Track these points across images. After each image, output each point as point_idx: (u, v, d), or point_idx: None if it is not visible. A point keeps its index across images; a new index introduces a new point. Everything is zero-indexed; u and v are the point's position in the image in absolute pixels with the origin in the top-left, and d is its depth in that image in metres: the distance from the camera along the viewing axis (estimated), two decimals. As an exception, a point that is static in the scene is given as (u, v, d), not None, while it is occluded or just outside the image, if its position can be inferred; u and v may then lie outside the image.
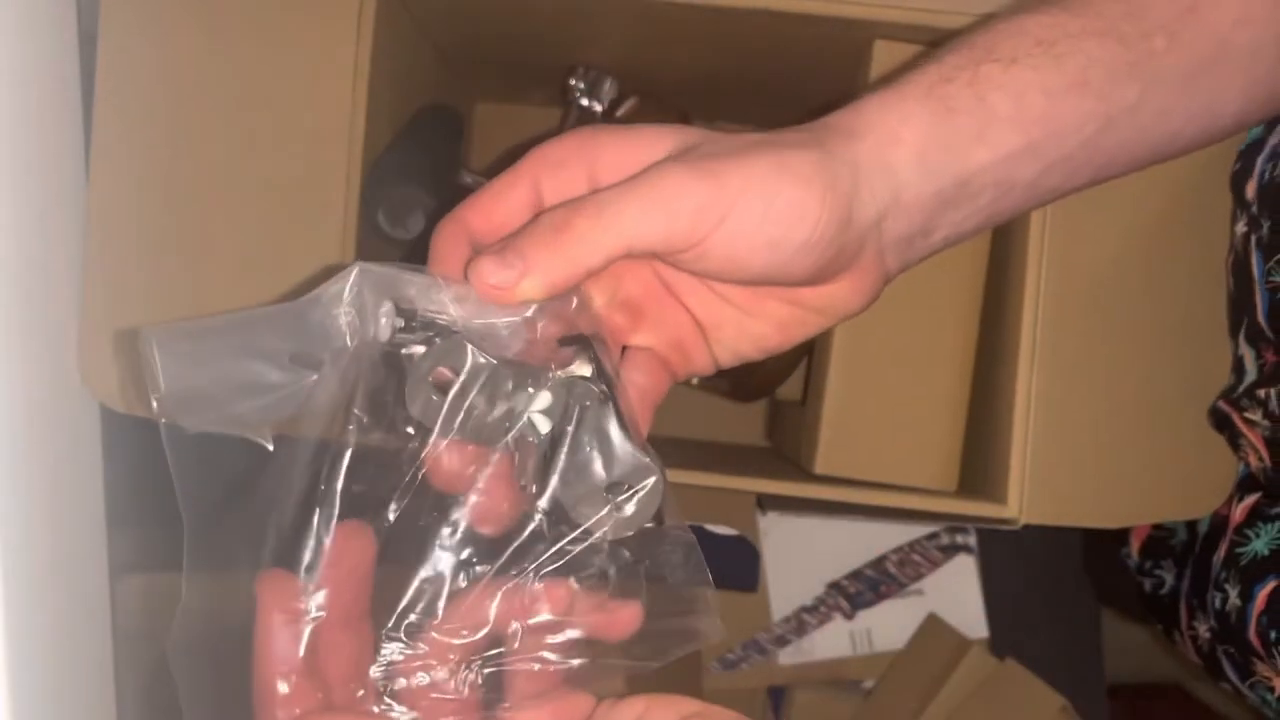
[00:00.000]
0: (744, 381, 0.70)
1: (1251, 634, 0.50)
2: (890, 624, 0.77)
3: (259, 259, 0.51)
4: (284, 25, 0.51)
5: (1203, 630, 0.54)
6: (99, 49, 0.51)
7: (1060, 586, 0.77)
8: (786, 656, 0.75)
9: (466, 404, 0.32)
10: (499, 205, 0.35)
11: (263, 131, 0.51)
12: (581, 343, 0.34)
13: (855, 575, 0.77)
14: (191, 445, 0.32)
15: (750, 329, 0.38)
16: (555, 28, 0.59)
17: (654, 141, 0.35)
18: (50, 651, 0.47)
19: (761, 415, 0.77)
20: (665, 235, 0.33)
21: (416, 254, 0.60)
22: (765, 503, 0.76)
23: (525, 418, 0.33)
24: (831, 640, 0.77)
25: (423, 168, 0.54)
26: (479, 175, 0.61)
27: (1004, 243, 0.53)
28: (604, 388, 0.33)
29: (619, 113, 0.63)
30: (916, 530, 0.77)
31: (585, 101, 0.61)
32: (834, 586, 0.77)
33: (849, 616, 0.77)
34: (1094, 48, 0.38)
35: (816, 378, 0.55)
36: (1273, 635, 0.48)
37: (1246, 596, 0.50)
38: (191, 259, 0.51)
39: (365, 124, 0.51)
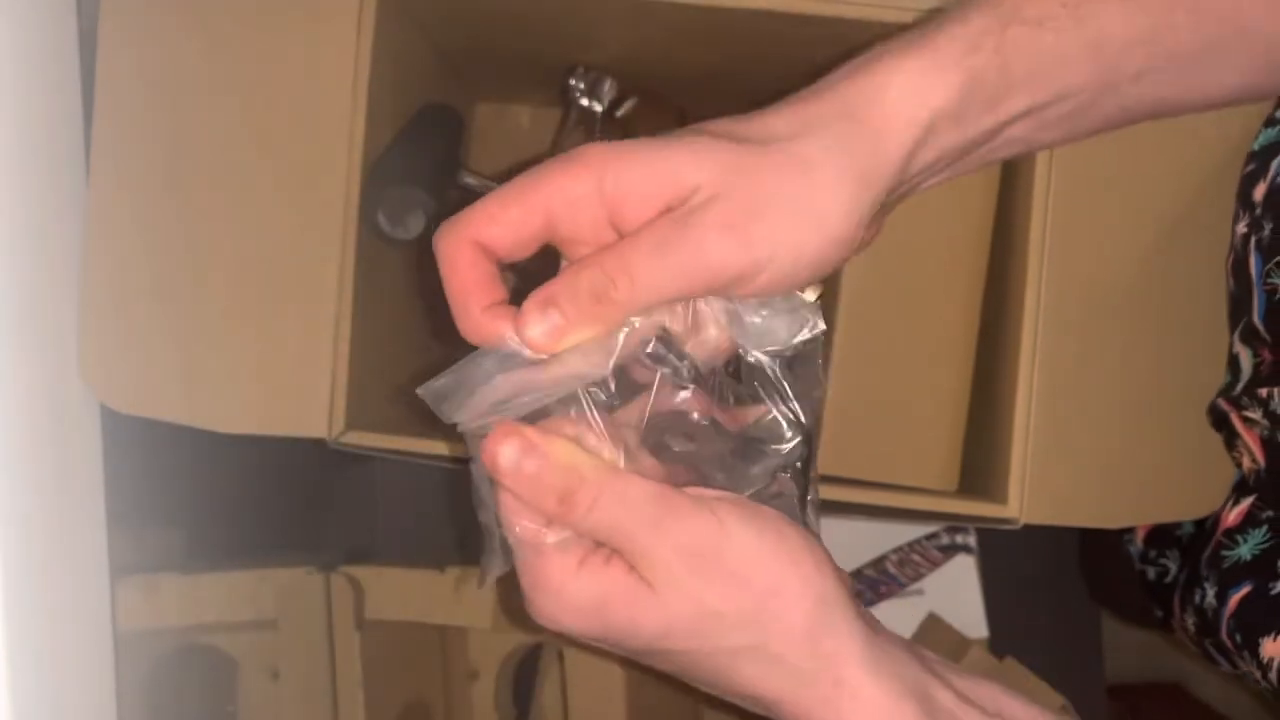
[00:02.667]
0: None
1: (1224, 635, 0.50)
2: (890, 624, 0.76)
3: (259, 259, 0.51)
4: (284, 25, 0.51)
5: (1190, 623, 0.54)
6: (98, 49, 0.51)
7: (1060, 586, 0.77)
8: (786, 656, 0.75)
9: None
10: (509, 233, 0.34)
11: (263, 131, 0.51)
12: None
13: (855, 575, 0.77)
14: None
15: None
16: (555, 28, 0.59)
17: (674, 177, 0.34)
18: (50, 651, 0.47)
19: (761, 415, 0.77)
20: (706, 291, 0.34)
21: (418, 254, 0.60)
22: (765, 503, 0.75)
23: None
24: (831, 640, 0.76)
25: (423, 168, 0.54)
26: (479, 175, 0.61)
27: (1004, 243, 0.53)
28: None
29: (619, 113, 0.63)
30: (916, 530, 0.77)
31: (585, 101, 0.61)
32: (834, 586, 0.77)
33: (849, 616, 0.77)
34: (1115, 12, 0.38)
35: (817, 378, 0.55)
36: (1238, 639, 0.49)
37: (1221, 599, 0.50)
38: (191, 259, 0.51)
39: (365, 124, 0.51)
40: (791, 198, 0.34)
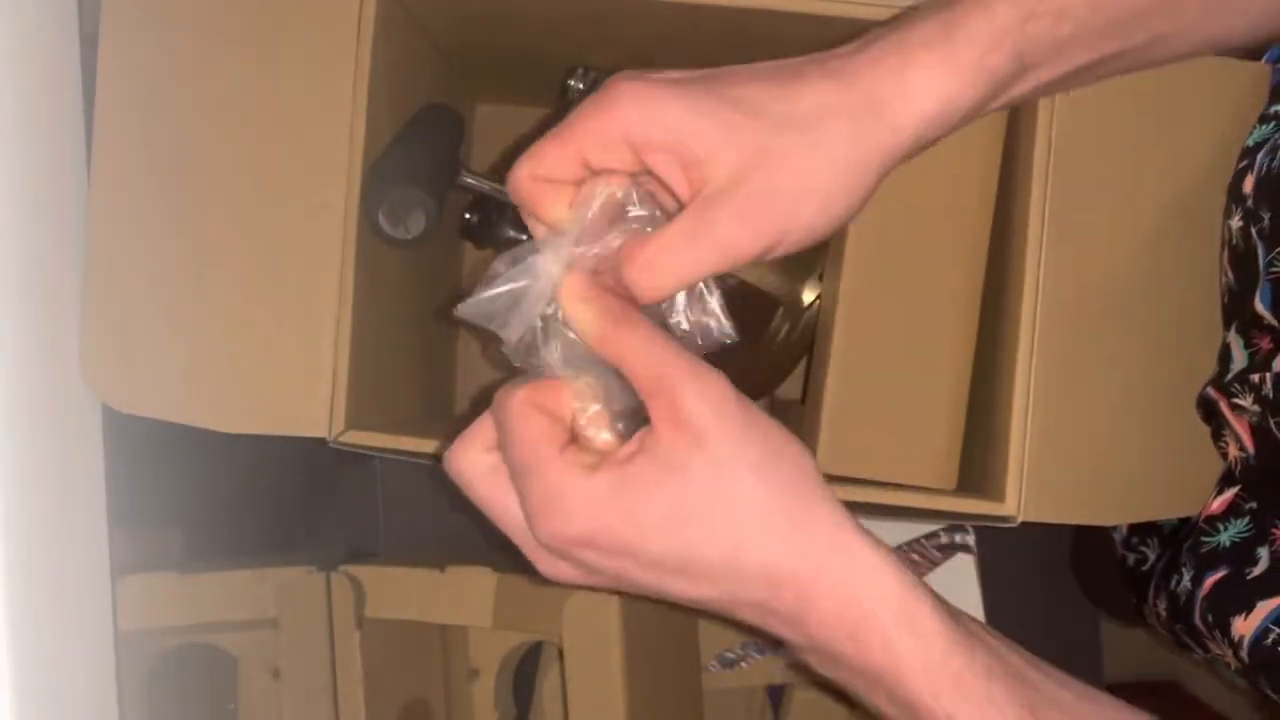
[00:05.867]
0: (744, 381, 0.70)
1: (1197, 618, 0.50)
2: (889, 623, 0.76)
3: (259, 259, 0.51)
4: (284, 26, 0.51)
5: (1162, 608, 0.55)
6: (100, 50, 0.51)
7: (1059, 586, 0.77)
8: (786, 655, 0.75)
9: None
10: (555, 170, 0.38)
11: (263, 132, 0.51)
12: None
13: (854, 574, 0.77)
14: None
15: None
16: (555, 28, 0.59)
17: (696, 146, 0.37)
18: (51, 651, 0.47)
19: (760, 415, 0.77)
20: (734, 267, 0.38)
21: (417, 252, 0.60)
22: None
23: None
24: (830, 639, 0.76)
25: (423, 168, 0.54)
26: (479, 175, 0.61)
27: (1003, 242, 0.53)
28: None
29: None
30: (916, 530, 0.77)
31: (585, 102, 0.61)
32: (833, 585, 0.77)
33: (848, 615, 0.77)
34: None
35: (816, 377, 0.55)
36: (1210, 618, 0.49)
37: (1197, 582, 0.51)
38: (192, 259, 0.51)
39: (365, 124, 0.51)
40: (804, 186, 0.37)
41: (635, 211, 0.38)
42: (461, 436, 0.39)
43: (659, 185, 0.39)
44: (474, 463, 0.39)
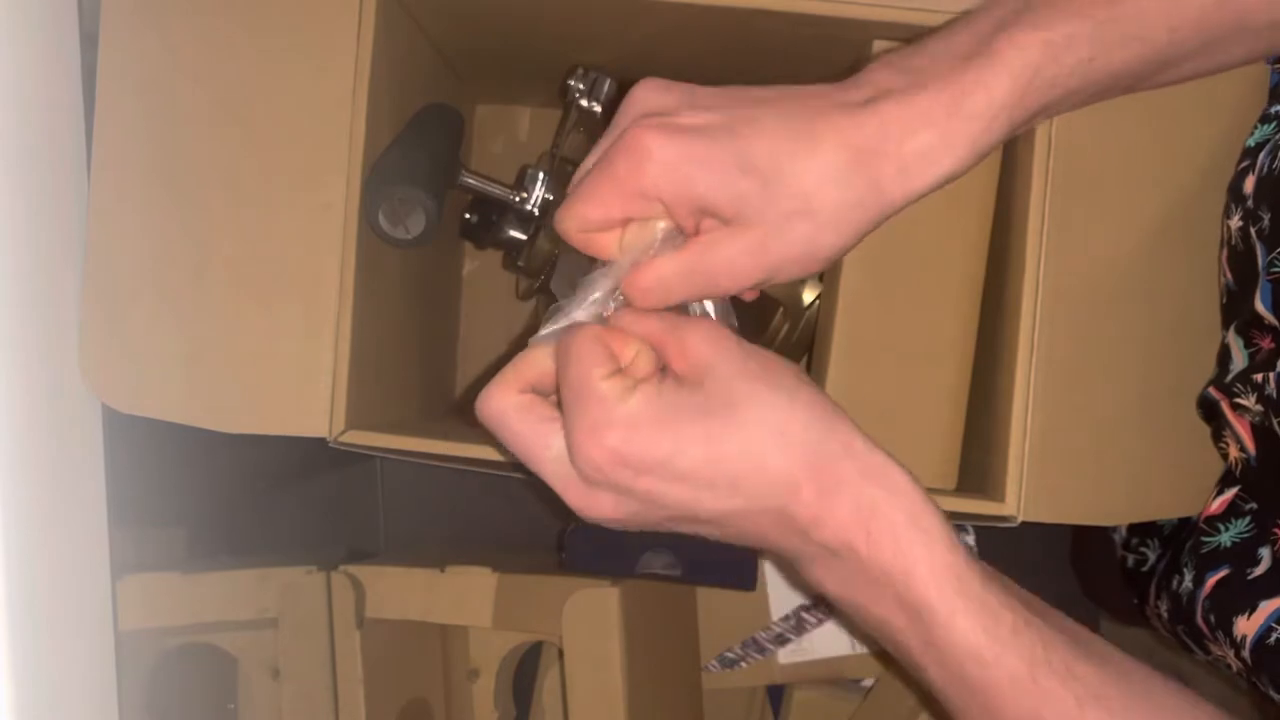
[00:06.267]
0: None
1: (1199, 618, 0.50)
2: (889, 623, 0.76)
3: (259, 259, 0.51)
4: (284, 26, 0.51)
5: (1164, 610, 0.55)
6: (100, 49, 0.51)
7: (1059, 586, 0.77)
8: (786, 655, 0.75)
9: None
10: (599, 226, 0.43)
11: (263, 132, 0.51)
12: None
13: (854, 574, 0.77)
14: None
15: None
16: (555, 28, 0.59)
17: (711, 205, 0.41)
18: (51, 651, 0.47)
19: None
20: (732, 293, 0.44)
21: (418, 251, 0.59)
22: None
23: None
24: (831, 639, 0.77)
25: (423, 168, 0.54)
26: (479, 175, 0.61)
27: (1003, 241, 0.53)
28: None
29: (618, 113, 0.63)
30: (915, 529, 0.77)
31: (585, 102, 0.61)
32: (833, 585, 0.77)
33: (848, 615, 0.76)
34: (1123, 54, 0.42)
35: (816, 377, 0.55)
36: (1212, 619, 0.49)
37: (1198, 582, 0.51)
38: (192, 259, 0.51)
39: (365, 124, 0.51)
40: (794, 242, 0.41)
41: (673, 239, 0.43)
42: (494, 380, 0.42)
43: None
44: (508, 401, 0.42)
